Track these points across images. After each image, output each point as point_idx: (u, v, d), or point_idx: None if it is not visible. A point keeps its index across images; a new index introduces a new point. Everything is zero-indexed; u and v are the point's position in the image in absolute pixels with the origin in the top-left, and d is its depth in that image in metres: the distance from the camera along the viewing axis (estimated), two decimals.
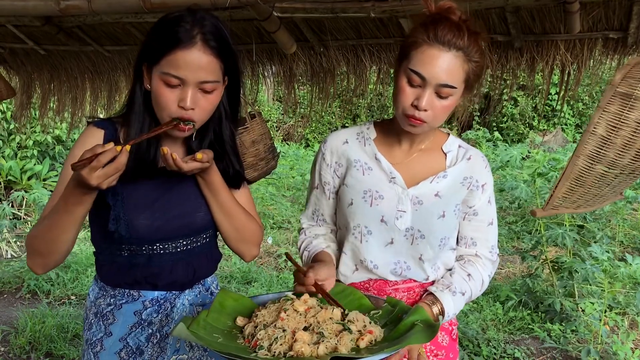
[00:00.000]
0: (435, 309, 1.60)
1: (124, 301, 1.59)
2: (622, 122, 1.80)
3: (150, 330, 1.60)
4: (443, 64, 1.46)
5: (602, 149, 1.85)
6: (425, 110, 1.49)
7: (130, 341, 1.59)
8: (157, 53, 1.40)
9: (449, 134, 1.73)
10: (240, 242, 1.68)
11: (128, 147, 1.27)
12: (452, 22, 1.46)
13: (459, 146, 1.71)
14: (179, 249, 1.58)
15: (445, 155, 1.69)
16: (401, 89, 1.52)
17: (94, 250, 1.64)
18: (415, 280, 1.70)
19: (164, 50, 1.39)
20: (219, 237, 1.71)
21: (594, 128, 1.84)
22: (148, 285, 1.58)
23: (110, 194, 1.49)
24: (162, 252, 1.56)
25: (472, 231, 1.72)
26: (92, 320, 1.63)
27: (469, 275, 1.68)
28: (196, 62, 1.38)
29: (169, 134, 1.48)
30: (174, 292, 1.63)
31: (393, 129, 1.68)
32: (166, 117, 1.43)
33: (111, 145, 1.25)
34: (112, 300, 1.60)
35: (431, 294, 1.65)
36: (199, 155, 1.42)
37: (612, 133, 1.82)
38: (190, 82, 1.39)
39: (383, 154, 1.68)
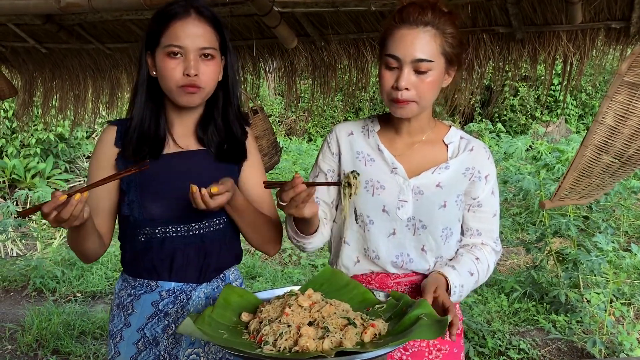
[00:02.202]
0: (441, 278, 1.58)
1: (142, 292, 1.65)
2: (629, 111, 1.80)
3: (166, 322, 1.64)
4: (414, 40, 1.50)
5: (610, 139, 1.84)
6: (407, 89, 1.52)
7: (147, 332, 1.64)
8: (157, 34, 1.54)
9: (450, 126, 1.74)
10: (264, 244, 1.76)
11: (77, 195, 1.32)
12: (417, 4, 1.52)
13: (461, 137, 1.72)
14: (191, 232, 1.64)
15: (447, 146, 1.70)
16: (381, 75, 1.57)
17: (120, 244, 1.72)
18: (417, 273, 1.70)
19: (162, 28, 1.52)
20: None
21: (603, 118, 1.83)
22: (164, 270, 1.63)
23: (126, 181, 1.60)
24: (174, 234, 1.62)
25: (477, 222, 1.72)
26: (115, 312, 1.70)
27: (477, 258, 1.68)
28: (193, 30, 1.51)
29: (178, 109, 1.60)
30: (190, 284, 1.66)
31: (392, 122, 1.70)
32: (174, 87, 1.53)
33: (58, 195, 1.31)
34: (132, 291, 1.67)
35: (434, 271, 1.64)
36: (214, 189, 1.47)
37: (620, 123, 1.81)
38: (191, 50, 1.51)
39: (385, 145, 1.70)
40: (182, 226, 1.62)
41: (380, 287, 1.69)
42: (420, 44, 1.50)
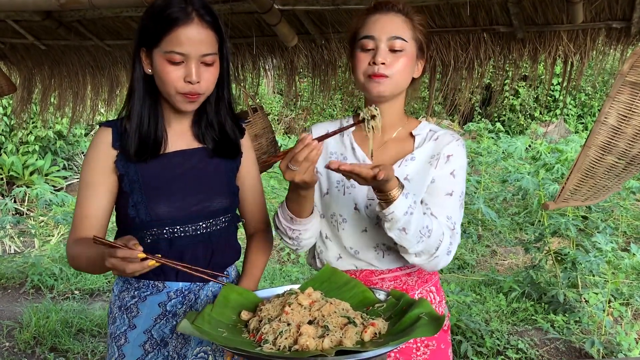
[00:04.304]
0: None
1: (148, 293, 1.63)
2: (632, 111, 1.79)
3: (174, 322, 1.62)
4: (388, 21, 1.58)
5: (613, 139, 1.83)
6: (383, 63, 1.55)
7: (154, 333, 1.62)
8: (155, 35, 1.48)
9: (421, 121, 1.73)
10: None
11: (152, 262, 1.29)
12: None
13: (430, 130, 1.69)
14: (198, 232, 1.63)
15: (414, 138, 1.68)
16: (357, 58, 1.60)
17: None
18: (400, 269, 1.68)
19: (163, 31, 1.47)
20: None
21: (605, 118, 1.82)
22: (171, 271, 1.61)
23: (128, 182, 1.57)
24: (182, 234, 1.61)
25: (428, 196, 1.61)
26: (116, 314, 1.67)
27: (431, 214, 1.56)
28: (196, 36, 1.47)
29: (176, 112, 1.59)
30: (198, 283, 1.66)
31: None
32: (173, 93, 1.51)
33: (137, 252, 1.27)
34: (136, 292, 1.64)
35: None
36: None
37: (622, 123, 1.80)
38: (193, 57, 1.48)
39: (359, 144, 1.71)
40: (190, 226, 1.61)
41: (365, 284, 1.67)
42: (395, 24, 1.57)
